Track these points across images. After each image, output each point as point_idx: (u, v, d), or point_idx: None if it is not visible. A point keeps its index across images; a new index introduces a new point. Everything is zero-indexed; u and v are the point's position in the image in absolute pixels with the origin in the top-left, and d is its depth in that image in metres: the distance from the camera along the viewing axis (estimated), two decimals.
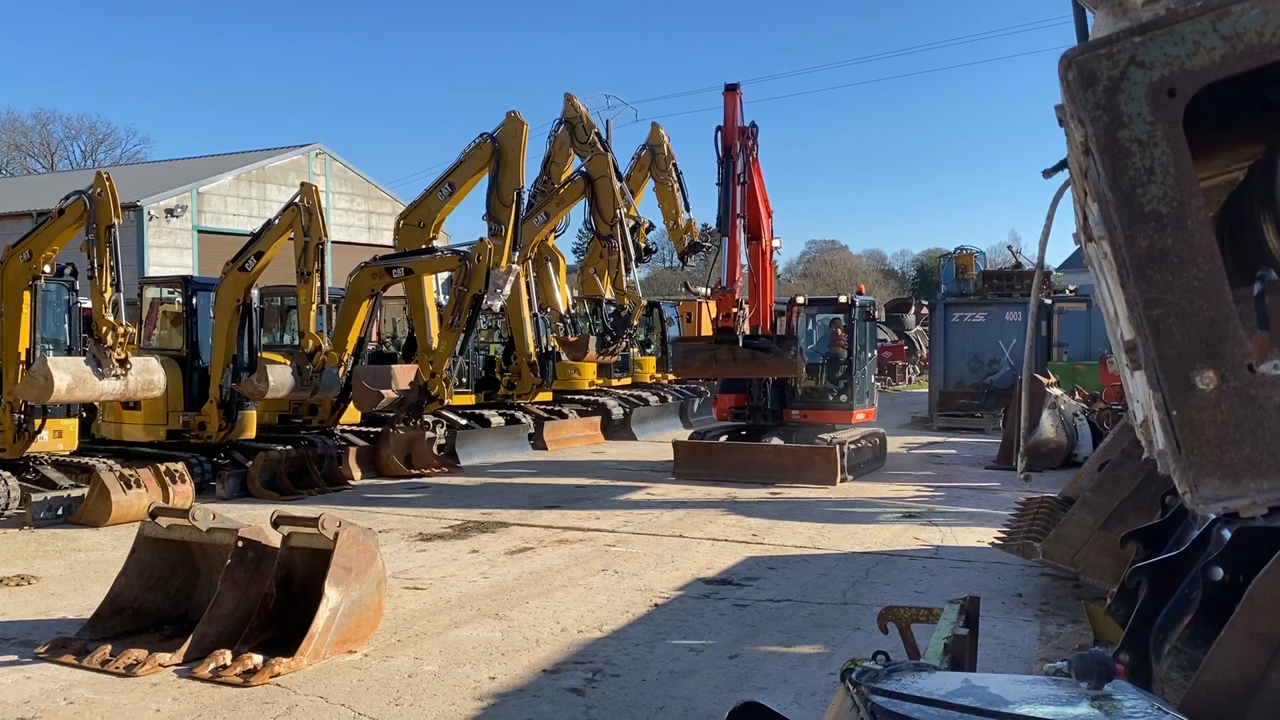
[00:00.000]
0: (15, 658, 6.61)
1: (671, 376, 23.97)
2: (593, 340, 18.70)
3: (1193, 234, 1.61)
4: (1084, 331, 23.73)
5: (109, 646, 6.49)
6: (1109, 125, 1.65)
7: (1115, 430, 9.19)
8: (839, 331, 16.60)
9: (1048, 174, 2.37)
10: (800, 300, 17.05)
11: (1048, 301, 23.46)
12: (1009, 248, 33.84)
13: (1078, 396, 17.25)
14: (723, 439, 15.83)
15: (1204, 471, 1.62)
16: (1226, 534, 3.28)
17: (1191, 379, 1.61)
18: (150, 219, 31.93)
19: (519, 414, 19.35)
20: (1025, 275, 24.07)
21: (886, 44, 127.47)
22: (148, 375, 11.95)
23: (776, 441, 15.16)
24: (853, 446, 14.83)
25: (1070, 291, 25.52)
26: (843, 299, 16.57)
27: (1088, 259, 2.47)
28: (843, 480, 14.13)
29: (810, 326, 17.11)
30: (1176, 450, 1.63)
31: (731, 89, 13.86)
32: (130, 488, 11.34)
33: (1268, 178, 2.38)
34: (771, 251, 15.21)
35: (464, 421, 18.02)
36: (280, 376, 13.60)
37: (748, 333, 13.89)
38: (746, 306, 14.01)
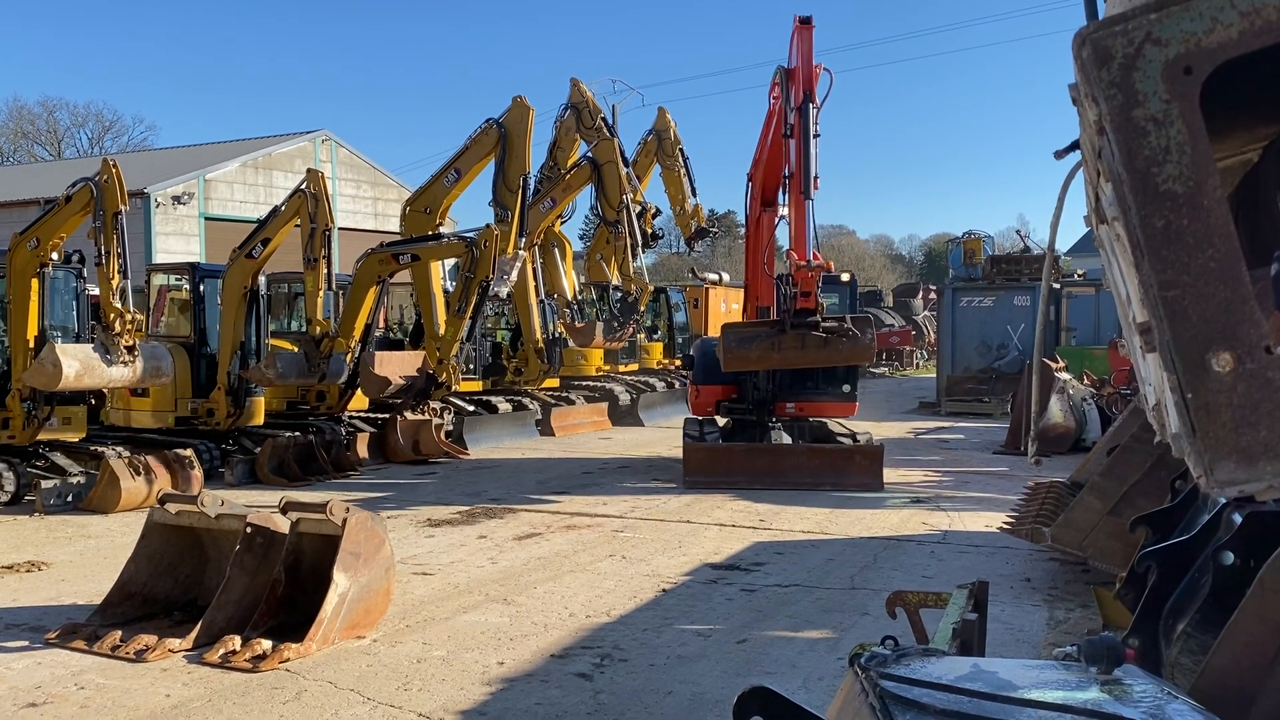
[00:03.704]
0: (26, 643, 6.64)
1: (678, 362, 23.88)
2: (599, 326, 18.71)
3: (1209, 214, 1.59)
4: (1092, 316, 23.69)
5: (119, 632, 6.52)
6: (1124, 104, 1.63)
7: (1124, 415, 9.17)
8: None
9: (1059, 155, 2.35)
10: None
11: (1056, 286, 23.40)
12: (1017, 232, 33.83)
13: (1086, 381, 17.21)
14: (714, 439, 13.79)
15: (1220, 455, 1.60)
16: (1237, 519, 3.27)
17: (1207, 361, 1.60)
18: (157, 206, 31.96)
19: (526, 400, 19.38)
20: (1034, 260, 24.01)
21: (894, 27, 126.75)
22: (155, 362, 11.98)
23: (785, 439, 13.61)
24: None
25: (1079, 276, 25.45)
26: (845, 276, 14.85)
27: (1099, 241, 2.44)
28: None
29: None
30: (1191, 434, 1.61)
31: (806, 22, 11.91)
32: (139, 474, 11.39)
33: None
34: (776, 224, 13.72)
35: (471, 408, 18.05)
36: (288, 363, 13.63)
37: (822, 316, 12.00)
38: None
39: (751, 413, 13.93)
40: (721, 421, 14.44)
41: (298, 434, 14.03)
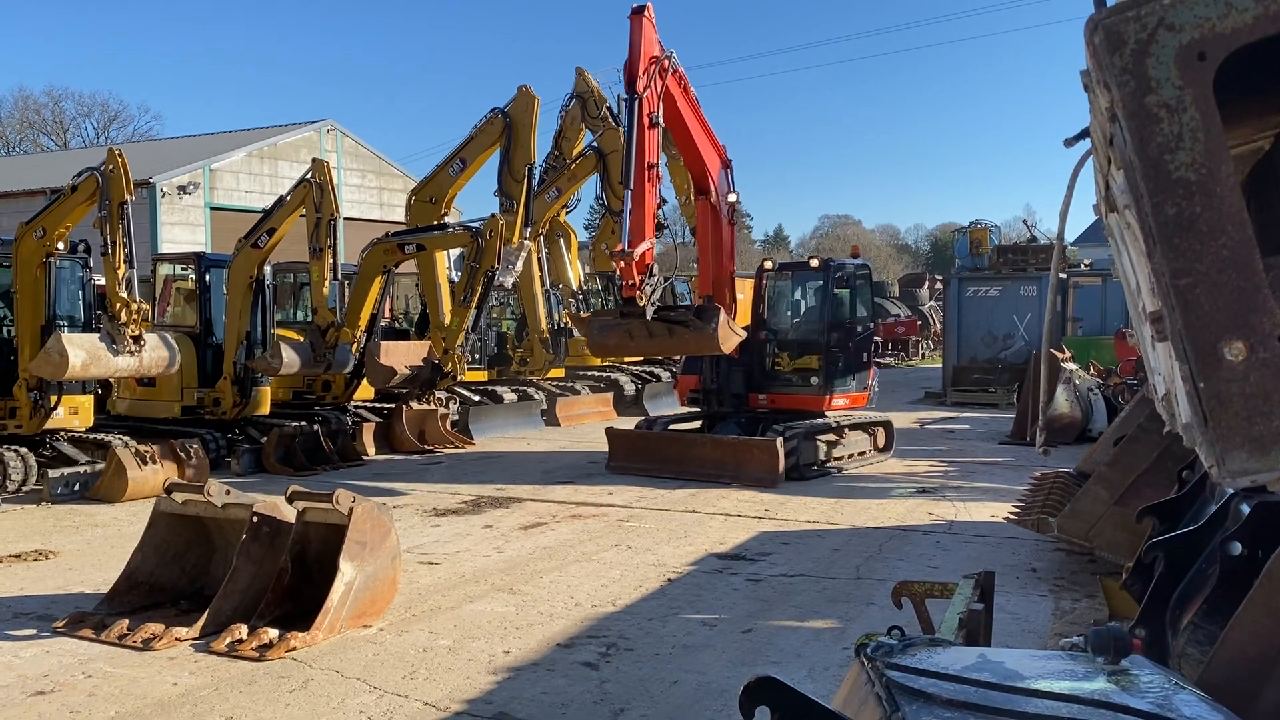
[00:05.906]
0: (34, 632, 6.67)
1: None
2: None
3: (1222, 202, 1.58)
4: (1099, 306, 23.62)
5: (126, 621, 6.54)
6: (1136, 90, 1.61)
7: (1131, 405, 9.14)
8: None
9: (1069, 143, 2.33)
10: (768, 266, 14.78)
11: (1063, 276, 23.31)
12: (1024, 222, 33.64)
13: (1092, 371, 17.17)
14: (679, 427, 13.96)
15: (1231, 444, 1.59)
16: (1245, 509, 3.26)
17: (1219, 350, 1.58)
18: (163, 196, 31.96)
19: (531, 390, 19.39)
20: (1040, 250, 23.91)
21: (899, 16, 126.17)
22: (162, 352, 12.01)
23: (733, 430, 13.42)
24: (821, 439, 13.03)
25: (1085, 266, 25.36)
26: (814, 262, 14.14)
27: (1109, 230, 2.43)
28: (789, 479, 12.30)
29: (798, 295, 14.96)
30: (1203, 423, 1.60)
31: (638, 11, 11.63)
32: (146, 464, 11.42)
33: None
34: (727, 209, 13.12)
35: (477, 398, 18.06)
36: (294, 353, 13.64)
37: (661, 304, 11.98)
38: (659, 274, 12.05)
39: (704, 403, 14.15)
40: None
41: (304, 424, 14.06)
